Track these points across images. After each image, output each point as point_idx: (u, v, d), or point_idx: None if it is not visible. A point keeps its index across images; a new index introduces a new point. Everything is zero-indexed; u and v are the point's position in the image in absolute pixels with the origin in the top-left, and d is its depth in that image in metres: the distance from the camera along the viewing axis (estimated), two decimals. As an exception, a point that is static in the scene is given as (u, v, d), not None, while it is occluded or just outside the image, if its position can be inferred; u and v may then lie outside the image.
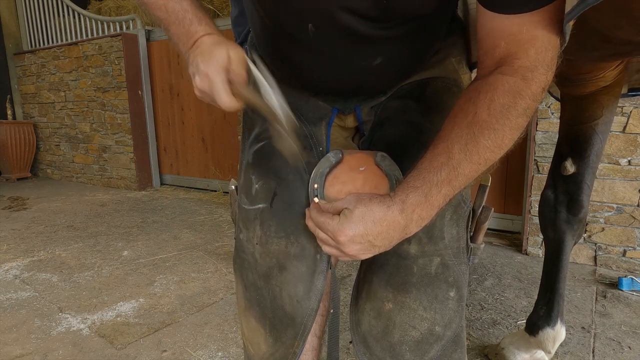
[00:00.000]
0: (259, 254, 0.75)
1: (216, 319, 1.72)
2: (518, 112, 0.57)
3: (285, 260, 0.72)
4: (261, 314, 0.76)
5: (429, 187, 0.58)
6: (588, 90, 1.11)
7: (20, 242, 2.78)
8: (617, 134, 2.01)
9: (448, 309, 0.71)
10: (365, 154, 0.72)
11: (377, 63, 0.70)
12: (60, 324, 1.71)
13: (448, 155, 0.58)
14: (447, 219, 0.72)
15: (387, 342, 0.71)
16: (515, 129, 0.58)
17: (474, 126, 0.57)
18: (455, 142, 0.58)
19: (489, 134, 0.57)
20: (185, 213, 3.43)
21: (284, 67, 0.80)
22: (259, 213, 0.75)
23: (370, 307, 0.73)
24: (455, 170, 0.58)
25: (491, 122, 0.57)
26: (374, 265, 0.74)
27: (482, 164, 0.58)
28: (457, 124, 0.59)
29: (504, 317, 1.69)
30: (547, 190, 1.27)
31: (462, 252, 0.74)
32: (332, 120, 0.82)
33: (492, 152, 0.58)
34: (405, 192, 0.59)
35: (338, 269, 2.21)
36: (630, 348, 1.46)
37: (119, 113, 4.36)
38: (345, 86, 0.77)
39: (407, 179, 0.60)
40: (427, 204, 0.59)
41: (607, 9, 0.64)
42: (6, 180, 5.01)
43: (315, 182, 0.70)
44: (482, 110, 0.57)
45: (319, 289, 0.73)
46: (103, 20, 4.50)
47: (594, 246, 2.16)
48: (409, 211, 0.58)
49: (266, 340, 0.77)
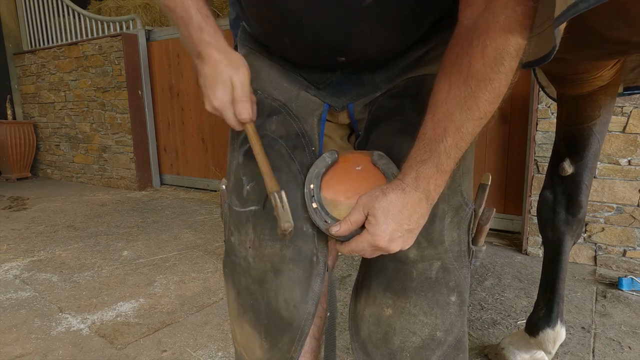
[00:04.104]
0: (252, 258, 0.72)
1: (216, 319, 1.73)
2: (511, 54, 0.56)
3: (281, 264, 0.70)
4: (256, 320, 0.73)
5: (438, 157, 0.58)
6: (585, 90, 1.11)
7: (20, 242, 2.78)
8: (617, 134, 2.01)
9: (449, 313, 0.70)
10: (362, 154, 0.71)
11: (369, 3, 0.65)
12: (60, 324, 1.71)
13: (450, 118, 0.58)
14: (447, 222, 0.70)
15: (388, 348, 0.70)
16: (510, 73, 0.57)
17: (470, 80, 0.57)
18: (454, 103, 0.58)
19: (486, 86, 0.56)
20: (185, 213, 3.43)
21: (274, 26, 0.75)
22: (252, 215, 0.73)
23: (369, 313, 0.72)
24: (459, 131, 0.58)
25: (486, 73, 0.56)
26: (373, 270, 0.72)
27: (483, 118, 0.59)
28: (453, 82, 0.58)
29: (504, 317, 1.69)
30: (546, 191, 1.27)
31: (463, 256, 0.72)
32: (324, 117, 0.79)
33: (491, 103, 0.58)
34: (415, 168, 0.59)
35: (338, 269, 2.21)
36: (630, 348, 1.46)
37: (119, 113, 4.36)
38: (337, 38, 0.70)
39: (414, 153, 0.60)
40: (440, 173, 0.59)
41: (604, 10, 0.63)
42: (6, 180, 5.02)
43: (312, 182, 0.69)
44: (476, 60, 0.56)
45: (316, 292, 0.71)
46: (103, 20, 4.50)
47: (594, 246, 2.16)
48: (424, 185, 0.59)
49: (261, 346, 0.74)
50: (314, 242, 0.71)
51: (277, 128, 0.76)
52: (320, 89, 0.79)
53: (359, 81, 0.78)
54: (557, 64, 0.99)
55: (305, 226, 0.71)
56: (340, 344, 1.50)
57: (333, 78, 0.78)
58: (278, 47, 0.79)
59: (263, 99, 0.78)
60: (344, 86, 0.79)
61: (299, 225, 0.70)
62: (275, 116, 0.77)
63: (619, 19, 0.66)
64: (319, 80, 0.79)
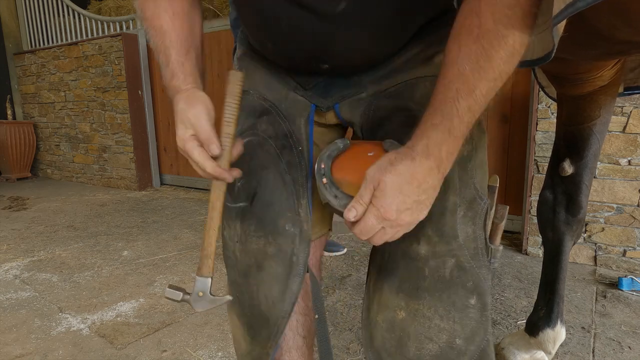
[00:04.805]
0: (239, 252, 0.75)
1: (216, 319, 1.73)
2: (524, 10, 0.51)
3: (263, 260, 0.72)
4: (241, 312, 0.77)
5: (450, 121, 0.54)
6: (586, 90, 1.11)
7: (20, 242, 2.78)
8: (617, 134, 2.01)
9: (469, 318, 0.65)
10: (373, 143, 0.70)
11: (342, 9, 0.63)
12: (60, 324, 1.71)
13: (462, 80, 0.54)
14: (459, 215, 0.66)
15: (403, 356, 0.66)
16: (525, 28, 0.52)
17: (481, 39, 0.52)
18: (465, 63, 0.53)
19: (499, 43, 0.52)
20: (185, 213, 3.43)
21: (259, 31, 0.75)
22: (240, 211, 0.75)
23: (382, 319, 0.68)
24: (473, 93, 0.53)
25: (498, 30, 0.52)
26: (384, 271, 0.70)
27: (498, 79, 0.54)
28: (463, 43, 0.54)
29: (504, 317, 1.69)
30: (546, 191, 1.27)
31: (480, 254, 0.67)
32: (311, 118, 0.78)
33: (506, 62, 0.53)
34: (426, 133, 0.55)
35: (337, 269, 2.21)
36: (630, 348, 1.46)
37: (119, 113, 4.36)
38: (316, 46, 0.70)
39: (425, 117, 0.56)
40: (453, 139, 0.55)
41: (604, 10, 0.63)
42: (6, 180, 5.02)
43: (322, 162, 0.67)
44: (487, 20, 0.52)
45: (294, 291, 0.72)
46: (103, 20, 4.50)
47: (594, 246, 2.16)
48: (435, 152, 0.55)
49: (244, 337, 0.77)
50: (295, 242, 0.72)
51: (267, 128, 0.77)
52: (307, 89, 0.79)
53: (346, 82, 0.78)
54: (558, 63, 0.99)
55: (288, 225, 0.72)
56: (341, 343, 1.50)
57: (320, 80, 0.78)
58: (265, 51, 0.79)
59: (255, 100, 0.80)
60: (329, 87, 0.78)
61: (282, 223, 0.72)
62: (265, 116, 0.78)
63: (620, 18, 0.66)
64: (307, 81, 0.79)
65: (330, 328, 1.61)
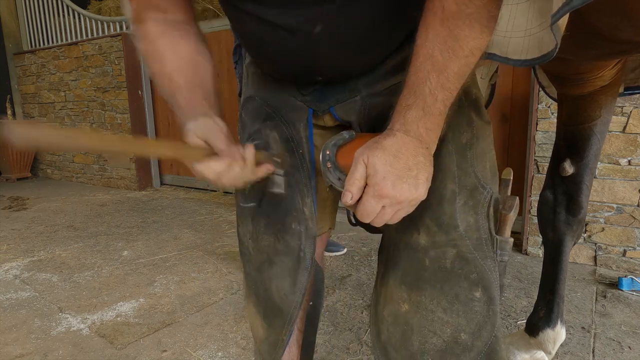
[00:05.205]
0: (252, 248, 0.81)
1: (216, 319, 1.73)
2: None
3: (274, 256, 0.77)
4: (257, 302, 0.82)
5: (423, 99, 0.55)
6: (586, 90, 1.11)
7: (20, 242, 2.78)
8: (617, 134, 2.01)
9: (474, 312, 0.62)
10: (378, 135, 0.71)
11: (320, 30, 0.64)
12: (60, 324, 1.71)
13: (431, 61, 0.55)
14: (459, 204, 0.64)
15: (407, 350, 0.65)
16: (489, 3, 0.53)
17: (446, 22, 0.53)
18: (434, 45, 0.54)
19: (464, 23, 0.53)
20: (185, 213, 3.43)
21: (251, 47, 0.78)
22: (251, 211, 0.80)
23: (388, 313, 0.68)
24: (444, 72, 0.54)
25: (462, 10, 0.52)
26: (390, 264, 0.70)
27: (470, 56, 0.55)
28: (430, 25, 0.55)
29: (504, 317, 1.69)
30: (546, 191, 1.26)
31: (484, 245, 0.64)
32: (310, 121, 0.80)
33: (475, 39, 0.54)
34: (402, 114, 0.57)
35: (337, 269, 2.21)
36: (630, 348, 1.46)
37: (119, 113, 4.36)
38: (304, 62, 0.71)
39: (400, 100, 0.58)
40: (428, 116, 0.56)
41: (606, 10, 0.63)
42: (6, 180, 5.02)
43: (328, 149, 0.68)
44: (449, 2, 0.53)
45: (303, 284, 0.75)
46: (103, 20, 4.50)
47: (594, 246, 2.16)
48: (414, 129, 0.56)
49: (262, 325, 0.83)
50: (301, 239, 0.76)
51: (271, 132, 0.82)
52: (305, 95, 0.81)
53: (341, 88, 0.79)
54: (559, 63, 0.99)
55: (294, 223, 0.76)
56: (341, 344, 1.50)
57: (317, 86, 0.80)
58: (261, 66, 0.83)
59: (261, 105, 0.83)
60: (326, 93, 0.80)
61: (288, 222, 0.76)
62: (269, 121, 0.81)
63: (621, 18, 0.66)
64: (304, 88, 0.81)
65: (330, 328, 1.61)
